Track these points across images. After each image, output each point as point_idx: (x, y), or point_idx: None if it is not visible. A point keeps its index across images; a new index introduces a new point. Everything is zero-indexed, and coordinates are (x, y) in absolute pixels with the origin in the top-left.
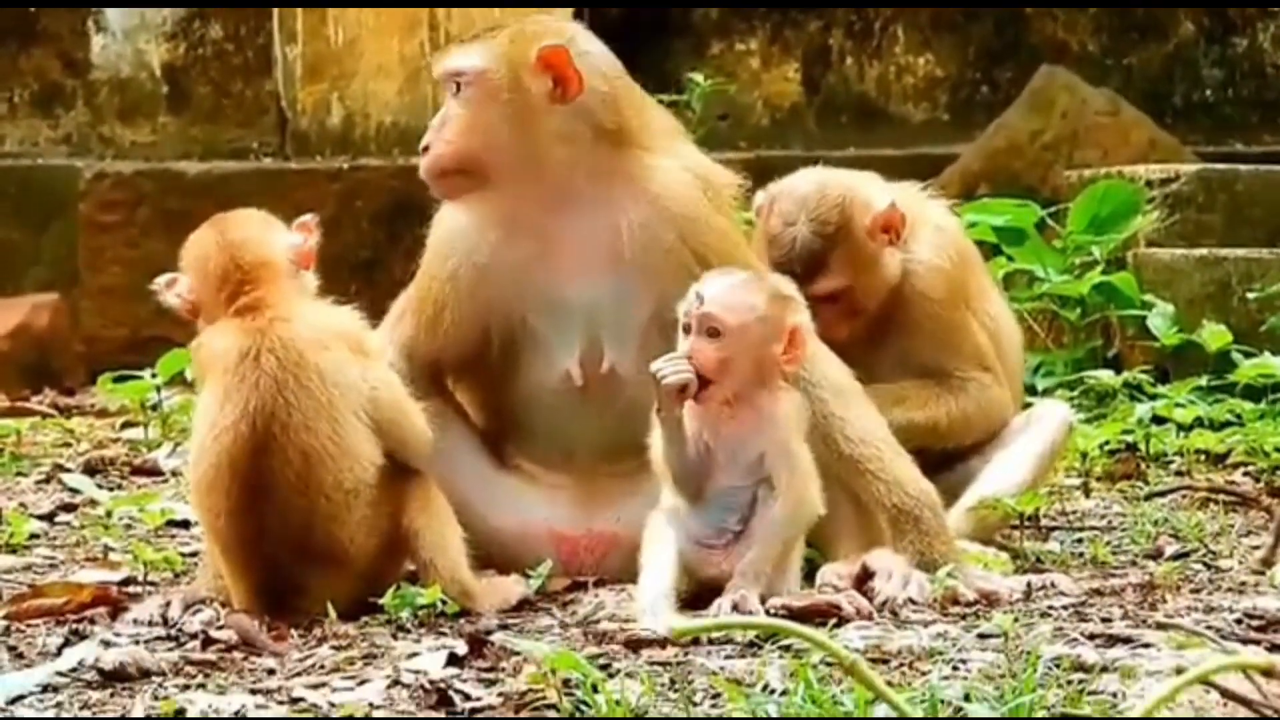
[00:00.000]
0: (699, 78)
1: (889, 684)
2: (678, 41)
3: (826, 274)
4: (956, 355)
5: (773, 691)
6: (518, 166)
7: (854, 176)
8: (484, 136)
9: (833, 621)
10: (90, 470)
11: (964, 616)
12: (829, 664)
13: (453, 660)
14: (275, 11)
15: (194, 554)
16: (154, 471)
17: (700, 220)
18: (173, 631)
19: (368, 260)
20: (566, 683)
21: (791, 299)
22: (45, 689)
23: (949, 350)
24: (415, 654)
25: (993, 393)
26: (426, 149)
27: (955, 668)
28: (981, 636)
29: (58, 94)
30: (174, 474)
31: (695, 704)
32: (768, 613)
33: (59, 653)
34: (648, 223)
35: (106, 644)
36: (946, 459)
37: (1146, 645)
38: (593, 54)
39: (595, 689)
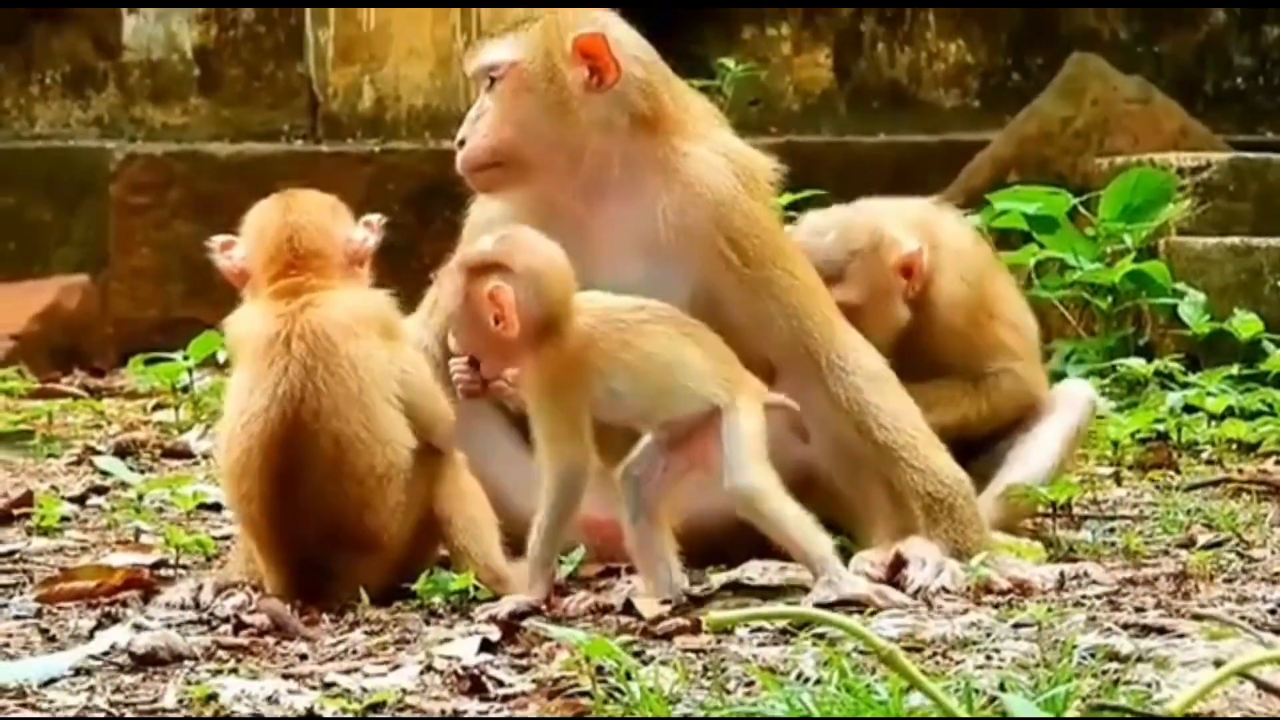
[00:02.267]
0: (731, 63)
1: (923, 673)
2: (709, 27)
3: (841, 284)
4: (985, 356)
5: (807, 680)
6: (556, 157)
7: (890, 214)
8: (521, 128)
9: (868, 610)
10: (121, 452)
11: (998, 606)
12: (863, 653)
13: (485, 646)
14: None
15: (226, 537)
16: (185, 454)
17: (734, 206)
18: (205, 615)
19: (398, 244)
20: (600, 670)
21: (494, 266)
22: (77, 672)
23: (978, 355)
24: (448, 640)
25: (1025, 379)
26: (462, 143)
27: (989, 657)
28: (1015, 626)
29: (89, 75)
30: (205, 456)
31: (729, 692)
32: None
33: (91, 636)
34: (683, 209)
35: (138, 627)
36: (974, 444)
37: (1181, 635)
38: (627, 41)
39: (629, 676)
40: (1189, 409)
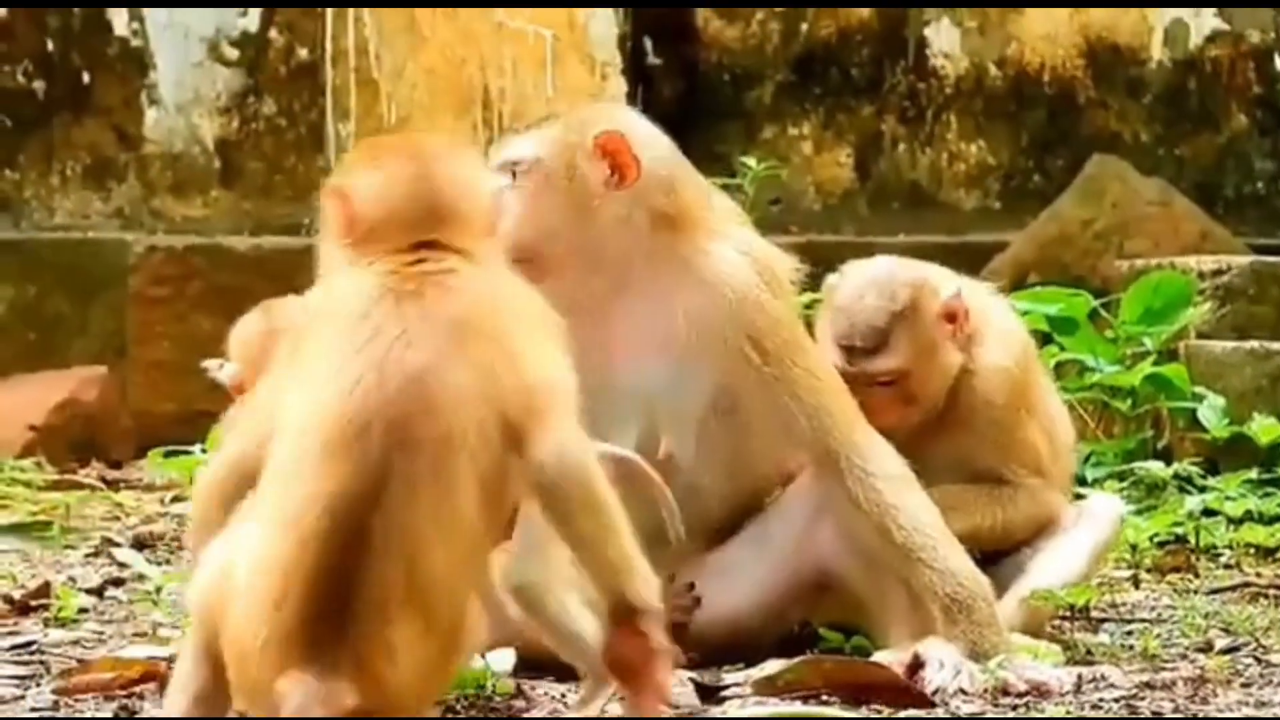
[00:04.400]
0: (752, 162)
1: None
2: (730, 126)
3: (886, 352)
4: (1012, 460)
5: None
6: (577, 254)
7: (927, 266)
8: (542, 225)
9: (887, 710)
10: (139, 545)
11: (1015, 707)
12: None
13: None
14: (329, 88)
15: None
16: None
17: (756, 305)
18: None
19: None
20: None
21: None
22: None
23: (1005, 455)
24: None
25: (1043, 498)
26: None
27: None
28: None
29: (110, 167)
30: None
31: None
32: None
33: None
34: (703, 308)
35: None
36: (996, 551)
37: None
38: (649, 138)
39: None
40: (1208, 513)
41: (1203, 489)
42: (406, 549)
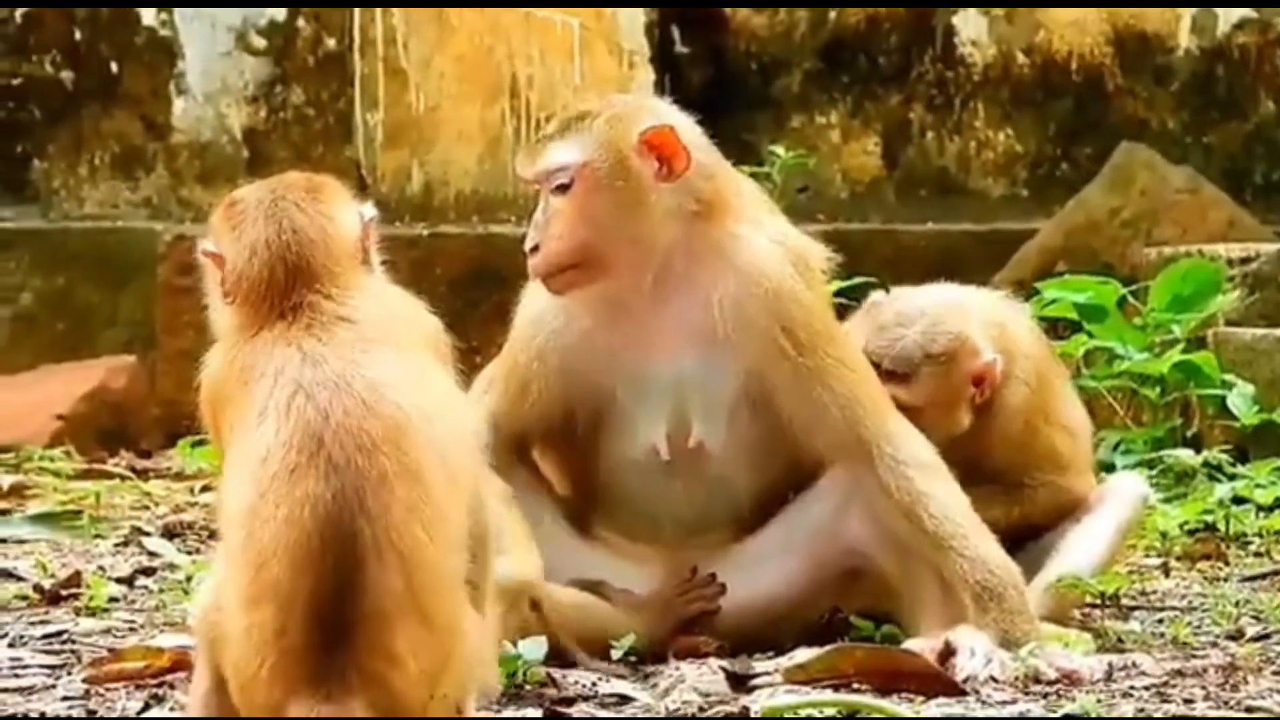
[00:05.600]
0: (780, 150)
1: None
2: (758, 114)
3: (906, 385)
4: (1033, 469)
5: None
6: (633, 251)
7: (975, 314)
8: (597, 227)
9: (919, 699)
10: (169, 534)
11: (1046, 696)
12: None
13: None
14: (357, 78)
15: None
16: None
17: (791, 295)
18: None
19: (445, 326)
20: None
21: None
22: None
23: (1027, 465)
24: None
25: (1066, 488)
26: (535, 249)
27: None
28: (1064, 717)
29: (138, 156)
30: None
31: None
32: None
33: (138, 717)
34: (738, 297)
35: (185, 709)
36: (1022, 534)
37: None
38: (687, 127)
39: None
40: (1237, 500)
41: (1232, 476)
42: (400, 552)
